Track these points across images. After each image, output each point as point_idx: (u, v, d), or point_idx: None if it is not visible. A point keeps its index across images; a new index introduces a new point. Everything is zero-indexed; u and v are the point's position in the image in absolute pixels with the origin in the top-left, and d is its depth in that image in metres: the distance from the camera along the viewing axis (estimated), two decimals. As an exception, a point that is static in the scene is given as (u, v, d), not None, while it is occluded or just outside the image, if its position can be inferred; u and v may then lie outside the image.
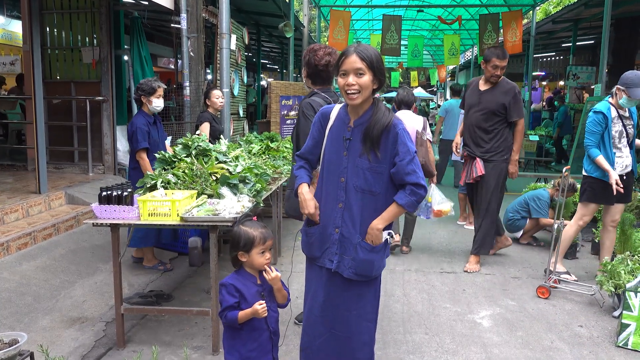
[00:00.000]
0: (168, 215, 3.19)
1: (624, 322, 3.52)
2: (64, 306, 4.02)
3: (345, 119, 2.49)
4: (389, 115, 2.41)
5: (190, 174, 3.80)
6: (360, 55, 2.33)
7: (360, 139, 2.41)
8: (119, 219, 3.23)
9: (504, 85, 5.02)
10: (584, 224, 4.78)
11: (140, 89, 4.68)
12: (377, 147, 2.39)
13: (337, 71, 2.42)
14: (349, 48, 2.39)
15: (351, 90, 2.35)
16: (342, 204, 2.46)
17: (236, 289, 2.39)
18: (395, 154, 2.39)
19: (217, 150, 4.42)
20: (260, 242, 2.37)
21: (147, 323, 3.77)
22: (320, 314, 2.57)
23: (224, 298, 2.38)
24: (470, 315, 4.02)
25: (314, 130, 2.60)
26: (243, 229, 2.42)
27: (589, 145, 4.51)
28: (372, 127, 2.38)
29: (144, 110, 4.74)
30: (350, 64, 2.35)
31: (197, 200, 3.41)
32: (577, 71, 14.52)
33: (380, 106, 2.45)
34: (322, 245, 2.54)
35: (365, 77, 2.34)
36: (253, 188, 3.72)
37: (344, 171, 2.44)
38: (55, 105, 7.56)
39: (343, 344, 2.56)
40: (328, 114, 2.57)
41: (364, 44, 2.44)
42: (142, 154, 4.62)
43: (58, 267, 4.61)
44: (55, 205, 5.82)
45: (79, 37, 7.48)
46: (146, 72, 7.61)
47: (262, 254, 2.39)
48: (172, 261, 5.26)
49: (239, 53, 8.59)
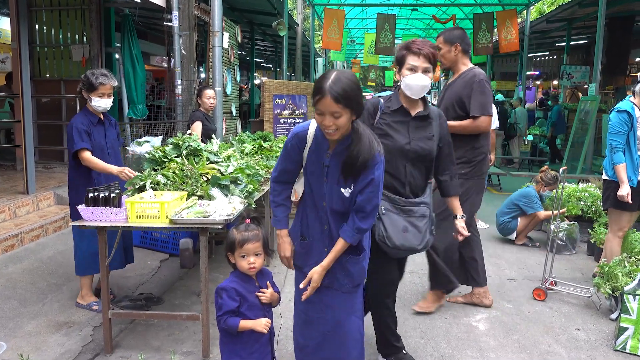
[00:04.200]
0: (157, 218, 3.11)
1: (621, 325, 3.47)
2: (51, 310, 3.91)
3: (323, 143, 2.40)
4: (370, 147, 2.31)
5: (180, 175, 3.71)
6: (335, 98, 2.17)
7: (339, 168, 2.37)
8: (105, 221, 3.13)
9: (466, 74, 3.92)
10: (624, 234, 4.52)
11: (82, 81, 3.85)
12: (356, 178, 2.37)
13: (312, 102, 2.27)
14: (323, 85, 2.19)
15: (330, 129, 2.26)
16: (326, 226, 2.50)
17: (237, 292, 2.33)
18: (364, 187, 2.36)
19: (209, 150, 4.33)
20: (239, 245, 2.30)
21: (136, 327, 3.68)
22: (315, 315, 2.56)
23: (225, 302, 2.31)
24: (466, 319, 3.95)
25: (293, 153, 2.47)
26: (231, 230, 2.35)
27: (616, 147, 4.21)
28: (353, 161, 2.29)
29: (87, 108, 3.90)
30: (325, 106, 2.20)
31: (187, 202, 3.33)
32: (571, 70, 14.52)
33: (360, 133, 2.32)
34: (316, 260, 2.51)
35: (342, 117, 2.23)
36: (245, 189, 3.64)
37: (324, 196, 2.46)
38: (45, 104, 7.45)
39: (338, 342, 2.56)
40: (305, 137, 2.42)
41: (338, 75, 2.22)
42: (83, 154, 3.72)
43: (45, 269, 4.51)
44: (43, 206, 5.71)
45: (68, 34, 7.37)
46: (137, 71, 7.49)
47: (243, 257, 2.31)
48: (162, 263, 5.17)
49: (232, 51, 8.49)
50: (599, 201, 6.07)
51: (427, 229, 2.89)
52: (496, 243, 6.10)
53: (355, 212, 2.39)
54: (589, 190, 6.30)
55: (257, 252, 2.34)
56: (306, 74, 21.90)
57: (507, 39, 14.37)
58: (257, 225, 2.39)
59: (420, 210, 2.88)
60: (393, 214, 2.83)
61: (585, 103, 10.34)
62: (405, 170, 2.90)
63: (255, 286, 2.38)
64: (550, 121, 13.71)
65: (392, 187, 2.89)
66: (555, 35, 16.70)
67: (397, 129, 2.90)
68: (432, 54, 2.84)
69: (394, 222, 2.81)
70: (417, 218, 2.87)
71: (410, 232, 2.82)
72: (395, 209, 2.85)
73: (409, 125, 2.91)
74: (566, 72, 14.59)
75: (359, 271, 2.54)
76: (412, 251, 2.89)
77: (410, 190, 2.91)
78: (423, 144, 2.90)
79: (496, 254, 5.64)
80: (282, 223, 2.58)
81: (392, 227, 2.80)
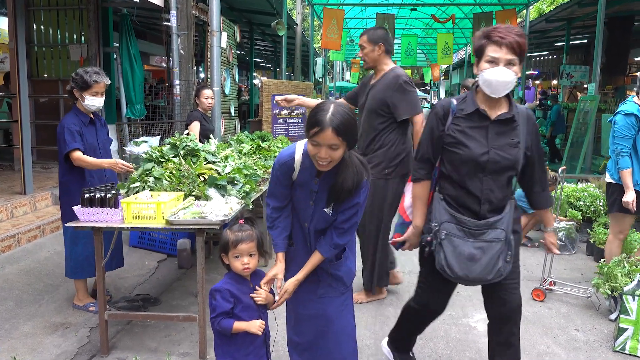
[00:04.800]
0: (153, 218, 3.09)
1: (621, 326, 3.45)
2: (47, 311, 3.90)
3: (311, 169, 2.34)
4: (359, 174, 2.28)
5: (177, 175, 3.69)
6: (337, 131, 2.11)
7: (326, 193, 2.35)
8: (102, 222, 3.11)
9: (387, 75, 3.86)
10: (625, 236, 4.46)
11: (73, 79, 3.73)
12: (342, 203, 2.35)
13: (307, 133, 2.18)
14: (323, 118, 2.11)
15: (324, 162, 2.19)
16: (309, 244, 2.50)
17: (231, 293, 2.31)
18: (347, 209, 2.36)
19: (206, 150, 4.30)
20: (232, 245, 2.28)
21: (132, 328, 3.66)
22: (308, 313, 2.56)
23: (219, 304, 2.29)
24: (464, 319, 3.94)
25: (283, 180, 2.40)
26: (225, 231, 2.34)
27: (622, 151, 4.09)
28: (340, 187, 2.27)
29: (78, 108, 3.81)
30: (324, 139, 2.12)
31: (184, 202, 3.31)
32: (571, 70, 14.51)
33: (347, 162, 2.27)
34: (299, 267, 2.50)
35: (339, 150, 2.17)
36: (242, 189, 3.62)
37: (308, 218, 2.44)
38: (43, 104, 7.43)
39: (333, 339, 2.55)
40: (292, 165, 2.35)
41: (336, 107, 2.16)
42: (74, 154, 3.64)
43: (42, 270, 4.49)
44: (41, 206, 5.69)
45: (66, 34, 7.35)
46: (135, 70, 7.48)
47: (237, 258, 2.29)
48: (160, 263, 5.15)
49: (231, 51, 8.48)
50: (598, 201, 6.07)
51: (500, 255, 2.44)
52: (495, 243, 6.08)
53: (334, 229, 2.40)
54: (588, 190, 6.28)
55: (251, 253, 2.32)
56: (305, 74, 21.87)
57: (507, 38, 14.34)
58: (251, 225, 2.37)
59: (494, 233, 2.44)
60: (457, 238, 2.44)
61: (584, 103, 10.33)
62: (481, 184, 2.47)
63: (249, 287, 2.37)
64: (549, 121, 13.69)
65: (464, 205, 2.50)
66: (555, 34, 16.69)
67: (473, 136, 2.47)
68: (518, 43, 2.38)
69: (457, 249, 2.43)
70: (490, 243, 2.43)
71: (478, 261, 2.42)
72: (462, 233, 2.45)
73: (487, 130, 2.47)
74: (566, 71, 14.57)
75: (347, 272, 2.55)
76: (479, 282, 2.51)
77: (488, 208, 2.48)
78: (505, 153, 2.45)
79: (495, 254, 5.62)
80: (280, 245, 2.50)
81: (454, 255, 2.43)
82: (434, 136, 2.58)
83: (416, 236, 2.72)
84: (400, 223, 2.86)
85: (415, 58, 20.20)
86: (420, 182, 2.66)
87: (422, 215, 2.67)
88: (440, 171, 2.62)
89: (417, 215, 2.69)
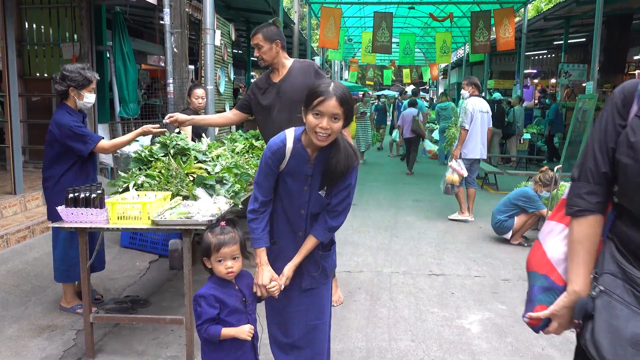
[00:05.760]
0: (139, 219, 3.02)
1: (617, 328, 3.37)
2: (34, 313, 3.83)
3: (304, 154, 2.34)
4: (350, 157, 2.30)
5: (165, 175, 3.62)
6: (340, 100, 2.18)
7: (320, 176, 2.36)
8: (86, 222, 3.04)
9: (297, 66, 3.77)
10: None
11: (70, 78, 3.63)
12: (335, 185, 2.37)
13: (308, 107, 2.22)
14: (327, 88, 2.19)
15: (324, 133, 2.20)
16: (302, 233, 2.46)
17: (216, 298, 2.25)
18: (341, 191, 2.38)
19: (197, 150, 4.23)
20: (215, 249, 2.21)
21: (120, 331, 3.59)
22: (300, 308, 2.52)
23: (204, 310, 2.23)
24: (458, 321, 3.87)
25: (269, 171, 2.36)
26: (206, 234, 2.27)
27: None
28: (333, 170, 2.29)
29: (68, 105, 3.71)
30: (329, 107, 2.17)
31: (171, 202, 3.24)
32: (569, 69, 14.44)
33: (339, 144, 2.30)
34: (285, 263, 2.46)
35: (339, 122, 2.22)
36: (231, 189, 3.55)
37: (305, 204, 2.41)
38: (35, 103, 7.35)
39: (322, 332, 2.56)
40: (284, 152, 2.33)
41: (337, 82, 2.28)
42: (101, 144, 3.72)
43: (31, 271, 4.42)
44: (31, 207, 5.62)
45: (59, 32, 7.27)
46: (128, 69, 7.40)
47: (220, 262, 2.23)
48: (152, 264, 5.09)
49: (225, 50, 8.41)
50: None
51: None
52: (491, 243, 6.02)
53: (327, 212, 2.41)
54: (585, 189, 6.21)
55: (234, 256, 2.25)
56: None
57: (505, 37, 14.29)
58: (233, 227, 2.31)
59: None
60: (620, 304, 1.49)
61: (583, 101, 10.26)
62: None
63: (234, 290, 2.30)
64: (547, 119, 13.63)
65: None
66: (553, 33, 16.61)
67: None
68: None
69: (616, 322, 1.48)
70: None
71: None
72: (632, 298, 1.49)
73: None
74: (564, 70, 14.49)
75: (331, 264, 2.58)
76: None
77: None
78: None
79: (491, 254, 5.56)
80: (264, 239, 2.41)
81: (608, 330, 1.49)
82: (610, 138, 1.60)
83: (571, 310, 1.63)
84: (546, 288, 1.72)
85: (414, 57, 20.13)
86: (587, 218, 1.62)
87: (587, 275, 1.62)
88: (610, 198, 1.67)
89: (579, 273, 1.62)
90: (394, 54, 21.01)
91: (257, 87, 3.92)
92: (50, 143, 3.70)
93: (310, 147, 2.32)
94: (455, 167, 6.79)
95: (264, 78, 3.90)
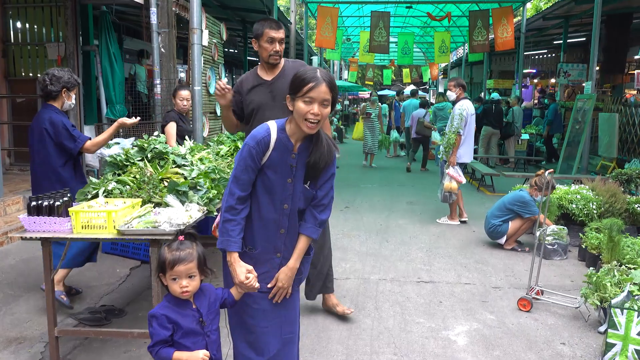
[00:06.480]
0: (104, 228, 2.87)
1: (609, 341, 3.22)
2: (2, 325, 3.68)
3: (287, 144, 2.28)
4: (330, 148, 2.32)
5: (137, 181, 3.47)
6: (330, 86, 2.20)
7: (303, 168, 2.32)
8: (49, 232, 2.90)
9: (292, 65, 3.66)
10: None
11: (63, 80, 3.83)
12: (318, 177, 2.35)
13: (297, 93, 2.20)
14: (315, 74, 2.20)
15: (315, 120, 2.19)
16: (284, 230, 2.36)
17: (169, 319, 2.09)
18: (323, 183, 2.37)
19: (176, 153, 4.09)
20: (169, 266, 2.06)
21: (91, 343, 3.44)
22: (269, 324, 2.38)
23: (156, 331, 2.07)
24: (444, 332, 3.72)
25: (251, 162, 2.24)
26: (163, 248, 2.12)
27: None
28: (317, 161, 2.28)
29: (55, 106, 3.85)
30: (320, 93, 2.18)
31: (140, 210, 3.09)
32: (568, 68, 14.27)
33: (320, 135, 2.31)
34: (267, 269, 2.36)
35: (328, 108, 2.23)
36: (205, 195, 3.40)
37: (288, 198, 2.32)
38: (20, 104, 7.21)
39: (292, 345, 2.46)
40: (268, 142, 2.25)
41: (320, 68, 2.30)
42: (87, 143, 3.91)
43: (4, 279, 4.28)
44: (11, 211, 5.48)
45: (43, 31, 7.13)
46: (115, 69, 7.26)
47: (175, 280, 2.07)
48: (133, 271, 4.95)
49: (216, 49, 8.25)
50: (591, 204, 5.84)
51: None
52: (483, 248, 5.86)
53: (314, 207, 2.38)
54: (581, 192, 6.05)
55: (190, 274, 2.09)
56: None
57: (503, 36, 14.12)
58: (193, 242, 2.15)
59: None
60: None
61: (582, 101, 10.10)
62: None
63: (191, 309, 2.14)
64: (546, 120, 13.46)
65: None
66: (553, 32, 16.43)
67: None
68: None
69: None
70: None
71: None
72: None
73: None
74: (563, 69, 14.33)
75: (306, 269, 2.52)
76: None
77: None
78: None
79: (483, 260, 5.40)
80: (236, 245, 2.27)
81: None
82: None
83: None
84: None
85: (412, 57, 19.95)
86: None
87: None
88: None
89: None
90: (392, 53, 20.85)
91: (242, 85, 3.70)
92: (41, 140, 3.79)
93: (295, 137, 2.28)
94: (453, 175, 6.62)
95: (251, 75, 3.69)
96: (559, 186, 6.35)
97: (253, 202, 2.32)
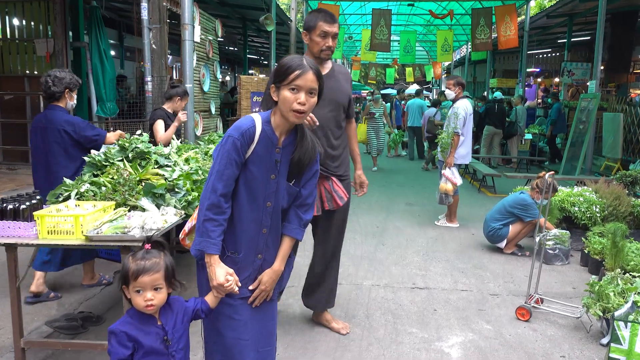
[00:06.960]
0: (71, 233, 2.70)
1: (611, 356, 3.03)
2: (-28, 332, 3.51)
3: (272, 137, 2.16)
4: (314, 144, 2.26)
5: (112, 182, 3.29)
6: (317, 75, 2.13)
7: (287, 163, 2.22)
8: (13, 237, 2.72)
9: (339, 68, 3.52)
10: None
11: (67, 80, 3.97)
12: (302, 175, 2.28)
13: (282, 82, 2.10)
14: (301, 61, 2.11)
15: (302, 109, 2.10)
16: (266, 230, 2.22)
17: (129, 337, 1.91)
18: (307, 181, 2.30)
19: (159, 153, 3.91)
20: (132, 277, 1.88)
21: (63, 354, 3.26)
22: (247, 336, 2.21)
23: (114, 349, 1.90)
24: (437, 343, 3.52)
25: (235, 156, 2.08)
26: (128, 258, 1.93)
27: None
28: (302, 157, 2.21)
29: (60, 106, 3.99)
30: (307, 81, 2.10)
31: (111, 214, 2.91)
32: (572, 67, 14.04)
33: (304, 129, 2.25)
34: (249, 273, 2.21)
35: (314, 97, 2.15)
36: (183, 198, 3.22)
37: (272, 195, 2.20)
38: (8, 102, 7.06)
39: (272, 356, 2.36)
40: (253, 134, 2.12)
41: (305, 56, 2.19)
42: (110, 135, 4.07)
43: (-21, 283, 4.11)
44: (-6, 212, 5.30)
45: (32, 27, 6.96)
46: (105, 67, 7.08)
47: (139, 292, 1.89)
48: (117, 274, 4.76)
49: (211, 46, 8.07)
50: (594, 207, 5.63)
51: None
52: (482, 252, 5.66)
53: (298, 207, 2.30)
54: (584, 194, 5.84)
55: (156, 286, 1.91)
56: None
57: (506, 34, 13.92)
58: (161, 251, 1.97)
59: None
60: None
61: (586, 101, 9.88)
62: None
63: (156, 326, 1.96)
64: (549, 119, 13.22)
65: None
66: (557, 31, 16.20)
67: None
68: None
69: None
70: None
71: None
72: None
73: None
74: (567, 68, 14.10)
75: (288, 274, 2.42)
76: None
77: None
78: None
79: (481, 264, 5.20)
80: (216, 247, 2.09)
81: None
82: None
83: None
84: None
85: (414, 55, 19.74)
86: None
87: None
88: None
89: None
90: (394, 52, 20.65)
91: None
92: (60, 142, 3.88)
93: (279, 129, 2.17)
94: (449, 176, 6.43)
95: None
96: (562, 188, 6.14)
97: (234, 202, 2.16)
